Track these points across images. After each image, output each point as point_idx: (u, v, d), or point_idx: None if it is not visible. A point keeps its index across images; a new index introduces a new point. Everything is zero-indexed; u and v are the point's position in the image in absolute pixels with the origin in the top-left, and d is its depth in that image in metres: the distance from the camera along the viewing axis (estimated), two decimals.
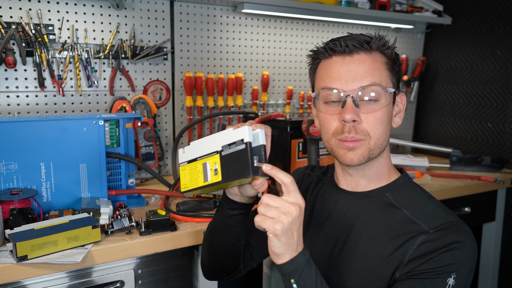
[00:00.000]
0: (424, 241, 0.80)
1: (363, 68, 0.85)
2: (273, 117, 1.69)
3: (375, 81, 0.84)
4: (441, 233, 0.80)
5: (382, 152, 0.89)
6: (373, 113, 0.85)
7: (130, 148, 1.44)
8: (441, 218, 0.84)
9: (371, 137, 0.85)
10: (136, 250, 1.10)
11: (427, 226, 0.82)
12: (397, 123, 0.93)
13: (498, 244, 2.05)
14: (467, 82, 2.25)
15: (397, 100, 0.91)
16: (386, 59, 0.88)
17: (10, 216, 1.08)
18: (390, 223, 0.86)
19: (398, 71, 0.91)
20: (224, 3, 1.84)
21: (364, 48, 0.86)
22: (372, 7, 2.10)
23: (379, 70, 0.86)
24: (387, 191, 0.91)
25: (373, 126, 0.85)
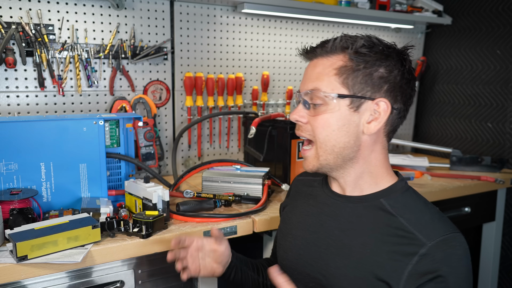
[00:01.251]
0: (424, 254, 0.78)
1: (314, 72, 0.88)
2: (273, 117, 1.69)
3: (317, 86, 0.86)
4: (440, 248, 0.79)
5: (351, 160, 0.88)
6: (316, 116, 0.87)
7: (130, 148, 1.44)
8: (438, 228, 0.82)
9: (316, 140, 0.88)
10: (136, 250, 1.10)
11: (425, 238, 0.80)
12: (370, 130, 0.85)
13: (498, 244, 2.05)
14: (467, 82, 2.25)
15: (372, 106, 0.84)
16: (346, 63, 0.84)
17: (10, 216, 1.08)
18: (386, 231, 0.84)
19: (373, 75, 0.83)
20: (224, 3, 1.84)
21: (320, 53, 0.88)
22: (372, 7, 2.10)
23: (327, 75, 0.85)
24: (382, 197, 0.89)
25: (316, 129, 0.87)
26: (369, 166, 0.90)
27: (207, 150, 1.95)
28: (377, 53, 0.84)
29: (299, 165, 1.62)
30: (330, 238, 0.90)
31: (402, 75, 0.85)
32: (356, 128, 0.86)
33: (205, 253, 1.02)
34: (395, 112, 0.87)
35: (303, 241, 0.96)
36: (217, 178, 1.47)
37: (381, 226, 0.85)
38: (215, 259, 1.02)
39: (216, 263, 1.03)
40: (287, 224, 1.03)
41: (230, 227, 1.25)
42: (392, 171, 0.94)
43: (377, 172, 0.91)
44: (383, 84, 0.84)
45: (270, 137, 1.66)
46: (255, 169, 1.53)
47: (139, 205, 1.25)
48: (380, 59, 0.84)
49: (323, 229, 0.93)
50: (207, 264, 1.02)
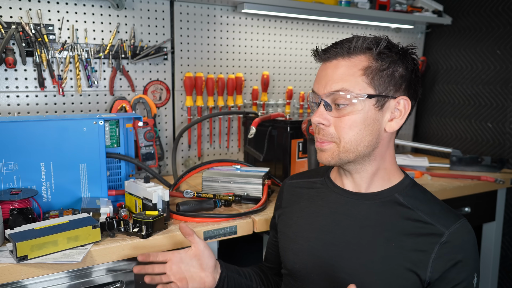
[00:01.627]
0: (444, 242, 0.86)
1: (337, 73, 0.87)
2: (273, 117, 1.69)
3: (345, 86, 0.86)
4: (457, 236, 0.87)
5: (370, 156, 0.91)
6: (342, 117, 0.87)
7: (130, 148, 1.44)
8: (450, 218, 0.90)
9: (340, 140, 0.88)
10: (136, 250, 1.10)
11: (443, 227, 0.87)
12: (392, 128, 0.89)
13: (498, 244, 2.05)
14: (467, 82, 2.25)
15: (393, 104, 0.88)
16: (370, 63, 0.86)
17: (10, 216, 1.08)
18: (406, 224, 0.89)
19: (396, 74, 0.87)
20: (224, 3, 1.84)
21: (341, 53, 0.87)
22: (372, 7, 2.10)
23: (353, 76, 0.86)
24: (396, 192, 0.93)
25: (342, 130, 0.88)
26: (384, 162, 0.94)
27: (207, 150, 1.95)
28: (396, 53, 0.88)
29: (299, 165, 1.62)
30: (350, 236, 0.92)
31: (416, 73, 0.91)
32: (379, 127, 0.89)
33: (187, 263, 0.99)
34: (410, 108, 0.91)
35: (319, 242, 0.95)
36: (217, 178, 1.47)
37: (401, 219, 0.89)
38: (200, 266, 1.00)
39: (203, 270, 1.00)
40: (293, 228, 1.02)
41: (230, 227, 1.25)
42: (399, 168, 0.99)
43: (390, 168, 0.95)
44: (403, 82, 0.88)
45: (270, 137, 1.66)
46: (255, 169, 1.53)
47: (139, 205, 1.25)
48: (400, 59, 0.88)
49: (340, 228, 0.94)
50: (194, 275, 0.99)
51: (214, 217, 1.25)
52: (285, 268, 1.04)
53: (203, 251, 1.00)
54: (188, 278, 0.99)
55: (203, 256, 1.00)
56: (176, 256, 1.00)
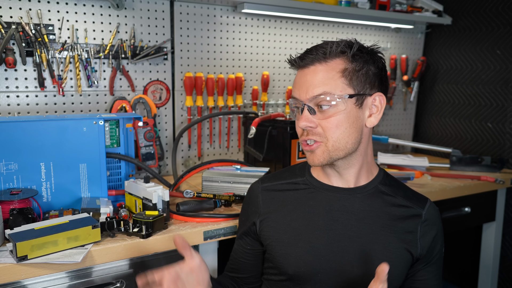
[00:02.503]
0: (423, 221, 0.99)
1: (316, 78, 0.92)
2: (273, 117, 1.69)
3: (326, 90, 0.91)
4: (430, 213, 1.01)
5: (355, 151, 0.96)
6: (328, 118, 0.92)
7: (130, 148, 1.44)
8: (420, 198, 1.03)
9: (328, 139, 0.93)
10: (136, 250, 1.10)
11: (419, 208, 1.00)
12: (372, 123, 0.96)
13: (498, 244, 2.05)
14: (467, 82, 2.25)
15: (371, 101, 0.95)
16: (346, 65, 0.91)
17: (10, 216, 1.08)
18: (394, 210, 0.98)
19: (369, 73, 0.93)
20: (224, 3, 1.84)
21: (318, 59, 0.92)
22: (372, 7, 2.10)
23: (332, 79, 0.91)
24: (377, 182, 1.02)
25: (329, 130, 0.92)
26: (366, 157, 1.00)
27: (207, 150, 1.95)
28: (367, 54, 0.94)
29: None
30: (350, 230, 0.97)
31: (385, 70, 0.98)
32: (361, 123, 0.95)
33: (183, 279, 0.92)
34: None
35: (321, 241, 0.96)
36: (217, 178, 1.47)
37: (388, 206, 0.99)
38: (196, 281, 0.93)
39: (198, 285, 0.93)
40: (289, 232, 1.00)
41: (230, 227, 1.25)
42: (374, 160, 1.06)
43: (371, 162, 1.03)
44: (376, 80, 0.95)
45: (270, 137, 1.66)
46: (255, 169, 1.53)
47: (139, 205, 1.25)
48: (371, 59, 0.95)
49: (339, 224, 0.97)
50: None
51: (214, 217, 1.25)
52: (285, 274, 1.00)
53: (199, 266, 0.94)
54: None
55: (200, 271, 0.94)
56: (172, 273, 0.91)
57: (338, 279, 0.95)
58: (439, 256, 1.02)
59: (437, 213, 1.03)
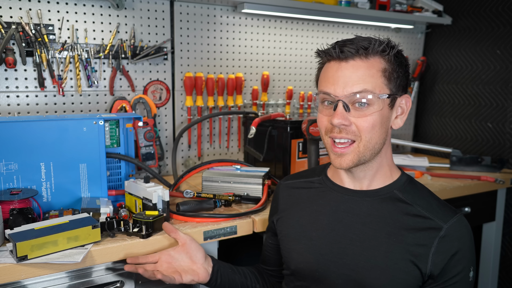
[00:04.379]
0: (443, 236, 0.88)
1: (356, 75, 0.88)
2: (273, 117, 1.69)
3: (367, 87, 0.88)
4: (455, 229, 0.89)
5: (378, 153, 0.93)
6: (364, 117, 0.89)
7: (130, 148, 1.44)
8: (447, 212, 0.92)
9: (361, 139, 0.90)
10: (136, 250, 1.10)
11: (441, 222, 0.89)
12: (398, 124, 0.95)
13: (498, 244, 2.05)
14: (467, 82, 2.25)
15: (399, 102, 0.94)
16: (385, 65, 0.90)
17: (10, 216, 1.08)
18: (406, 219, 0.91)
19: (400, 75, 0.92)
20: (224, 3, 1.84)
21: (360, 54, 0.89)
22: (372, 7, 2.10)
23: (373, 77, 0.88)
24: (395, 188, 0.96)
25: (363, 129, 0.89)
26: (386, 159, 0.97)
27: (207, 150, 1.95)
28: (402, 56, 0.94)
29: (299, 165, 1.62)
30: (353, 233, 0.94)
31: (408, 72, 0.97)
32: (389, 124, 0.94)
33: (177, 259, 1.08)
34: None
35: (322, 241, 0.97)
36: (217, 178, 1.47)
37: (401, 215, 0.92)
38: (189, 259, 1.08)
39: (194, 263, 1.08)
40: (296, 228, 1.03)
41: (230, 227, 1.25)
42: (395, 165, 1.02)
43: (390, 165, 0.99)
44: (403, 82, 0.94)
45: (270, 137, 1.66)
46: (255, 169, 1.53)
47: (139, 205, 1.25)
48: (404, 61, 0.94)
49: (342, 225, 0.96)
50: (186, 268, 1.08)
51: (214, 217, 1.25)
52: (288, 269, 1.05)
53: (189, 245, 1.08)
54: (181, 272, 1.06)
55: (190, 249, 1.08)
56: (165, 255, 1.08)
57: (334, 280, 0.95)
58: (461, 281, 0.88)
59: (464, 231, 0.90)
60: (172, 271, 1.06)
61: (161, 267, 1.07)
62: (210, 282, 1.10)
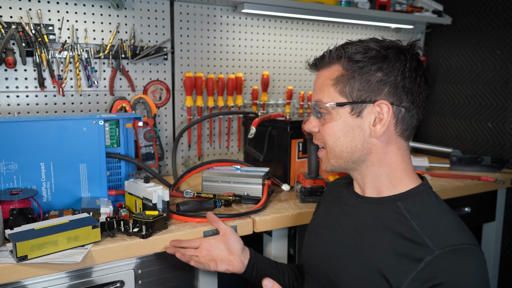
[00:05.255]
0: (429, 264, 0.76)
1: (317, 84, 0.93)
2: (273, 117, 1.69)
3: (319, 97, 0.91)
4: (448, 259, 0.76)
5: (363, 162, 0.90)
6: (323, 125, 0.92)
7: (130, 148, 1.44)
8: (450, 238, 0.78)
9: (326, 146, 0.93)
10: (136, 250, 1.10)
11: (434, 245, 0.77)
12: (376, 133, 0.86)
13: (498, 244, 2.05)
14: (467, 82, 2.25)
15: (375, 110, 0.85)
16: (342, 71, 0.86)
17: (10, 216, 1.08)
18: (397, 234, 0.83)
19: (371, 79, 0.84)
20: (224, 3, 1.84)
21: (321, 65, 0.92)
22: (372, 7, 2.10)
23: (327, 86, 0.89)
24: (400, 200, 0.88)
25: (325, 137, 0.92)
26: (385, 168, 0.90)
27: (207, 150, 1.95)
28: (371, 58, 0.84)
29: (299, 165, 1.62)
30: (345, 237, 0.93)
31: (403, 74, 0.85)
32: (362, 133, 0.88)
33: (215, 247, 1.14)
34: (404, 111, 0.86)
35: (323, 239, 0.99)
36: (217, 178, 1.47)
37: (393, 228, 0.85)
38: (227, 249, 1.14)
39: (231, 254, 1.13)
40: (313, 223, 1.07)
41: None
42: (414, 174, 0.92)
43: (395, 175, 0.90)
44: (383, 87, 0.85)
45: (270, 137, 1.66)
46: (255, 169, 1.53)
47: (139, 205, 1.25)
48: (375, 63, 0.84)
49: (341, 228, 0.96)
50: (223, 257, 1.13)
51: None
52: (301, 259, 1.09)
53: (229, 236, 1.14)
54: (217, 260, 1.13)
55: (229, 240, 1.13)
56: (206, 242, 1.15)
57: (321, 280, 0.97)
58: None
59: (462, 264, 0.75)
60: (209, 259, 1.12)
61: (200, 253, 1.13)
62: (245, 274, 1.14)
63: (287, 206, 1.40)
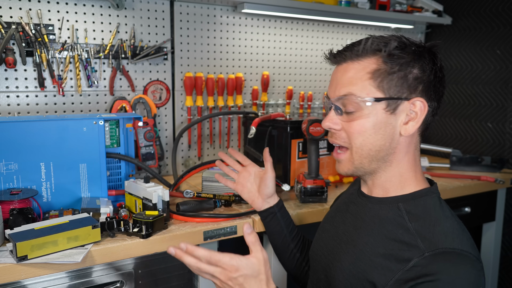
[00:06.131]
0: (416, 265, 0.75)
1: (345, 77, 0.85)
2: (273, 117, 1.69)
3: (352, 91, 0.83)
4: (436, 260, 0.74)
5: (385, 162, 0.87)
6: (351, 122, 0.85)
7: (130, 148, 1.44)
8: (443, 241, 0.77)
9: (352, 146, 0.86)
10: (136, 250, 1.10)
11: (424, 247, 0.76)
12: (407, 131, 0.84)
13: (498, 244, 2.05)
14: (467, 82, 2.25)
15: (407, 106, 0.83)
16: (379, 66, 0.82)
17: (10, 216, 1.08)
18: (391, 234, 0.83)
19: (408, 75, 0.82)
20: (224, 3, 1.84)
21: (350, 57, 0.85)
22: (372, 7, 2.10)
23: (361, 79, 0.83)
24: (402, 201, 0.87)
25: (351, 135, 0.86)
26: (400, 168, 0.88)
27: (207, 150, 1.95)
28: (410, 54, 0.83)
29: (299, 165, 1.62)
30: (344, 234, 0.94)
31: (435, 73, 0.85)
32: (392, 130, 0.84)
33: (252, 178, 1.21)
34: (430, 110, 0.85)
35: (327, 235, 1.00)
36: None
37: (388, 228, 0.84)
38: (258, 187, 1.19)
39: (258, 192, 1.19)
40: (325, 218, 1.09)
41: (230, 227, 1.25)
42: (423, 177, 0.91)
43: (406, 176, 0.88)
44: (418, 84, 0.83)
45: (270, 137, 1.66)
46: None
47: (139, 205, 1.25)
48: (413, 60, 0.83)
49: (343, 225, 0.96)
50: (251, 189, 1.20)
51: (214, 217, 1.25)
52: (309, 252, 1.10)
53: (266, 178, 1.17)
54: (245, 188, 1.21)
55: (263, 181, 1.17)
56: (251, 169, 1.22)
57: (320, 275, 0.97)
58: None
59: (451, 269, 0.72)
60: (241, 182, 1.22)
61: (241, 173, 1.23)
62: (260, 214, 1.20)
63: (287, 206, 1.39)
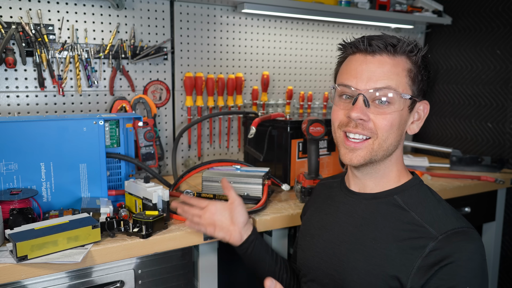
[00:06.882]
0: (433, 249, 0.80)
1: (381, 70, 0.86)
2: (273, 117, 1.69)
3: (391, 85, 0.85)
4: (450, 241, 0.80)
5: (389, 156, 0.91)
6: (383, 115, 0.86)
7: (130, 148, 1.44)
8: (450, 222, 0.83)
9: (377, 137, 0.87)
10: (136, 250, 1.10)
11: (436, 231, 0.82)
12: (413, 130, 0.93)
13: (498, 244, 2.05)
14: (467, 82, 2.25)
15: (417, 107, 0.92)
16: (411, 66, 0.88)
17: (10, 216, 1.08)
18: (397, 225, 0.86)
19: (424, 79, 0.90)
20: (224, 3, 1.84)
21: (388, 50, 0.87)
22: (372, 7, 2.10)
23: (398, 75, 0.86)
24: (396, 193, 0.91)
25: (381, 128, 0.87)
26: (396, 163, 0.94)
27: (207, 150, 1.95)
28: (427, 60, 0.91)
29: (299, 165, 1.62)
30: (344, 235, 0.93)
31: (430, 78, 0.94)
32: (404, 128, 0.91)
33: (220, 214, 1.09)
34: None
35: (320, 240, 0.98)
36: (217, 178, 1.47)
37: (393, 221, 0.87)
38: (230, 219, 1.08)
39: (232, 224, 1.08)
40: (307, 225, 1.06)
41: None
42: (406, 169, 0.97)
43: (399, 169, 0.94)
44: (426, 87, 0.92)
45: (270, 137, 1.66)
46: (255, 169, 1.53)
47: (139, 205, 1.25)
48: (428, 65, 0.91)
49: (338, 226, 0.96)
50: (223, 225, 1.08)
51: None
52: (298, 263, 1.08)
53: (236, 206, 1.09)
54: (217, 226, 1.09)
55: (235, 210, 1.08)
56: (213, 206, 1.10)
57: (322, 280, 0.96)
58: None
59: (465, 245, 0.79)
60: (209, 222, 1.09)
61: (204, 215, 1.09)
62: (239, 248, 1.10)
63: (287, 206, 1.40)
